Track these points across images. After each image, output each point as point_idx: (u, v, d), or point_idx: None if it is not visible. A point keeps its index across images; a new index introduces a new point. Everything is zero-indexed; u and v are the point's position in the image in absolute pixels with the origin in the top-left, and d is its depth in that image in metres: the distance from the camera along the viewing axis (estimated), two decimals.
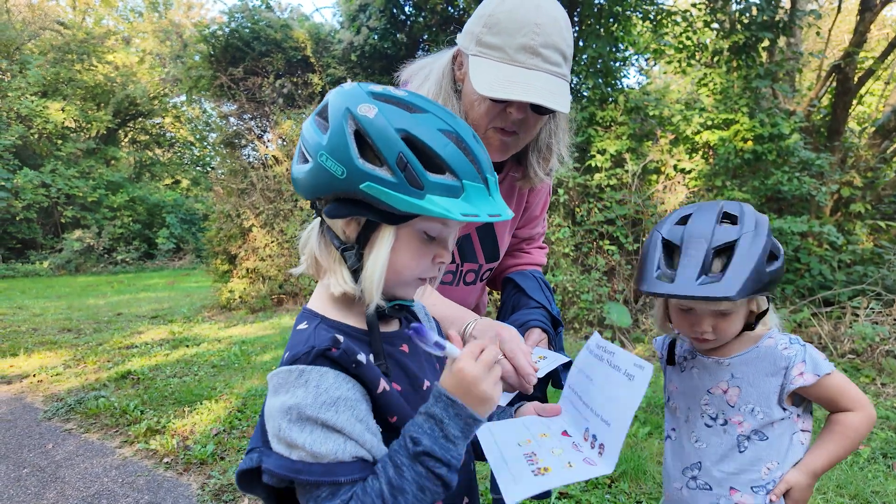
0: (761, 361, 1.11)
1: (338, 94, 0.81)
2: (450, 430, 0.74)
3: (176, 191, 20.46)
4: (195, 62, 8.57)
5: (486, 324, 1.15)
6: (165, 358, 5.16)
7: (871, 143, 7.47)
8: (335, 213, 0.79)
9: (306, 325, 0.84)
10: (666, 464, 1.25)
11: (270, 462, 0.74)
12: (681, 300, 1.10)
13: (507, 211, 0.80)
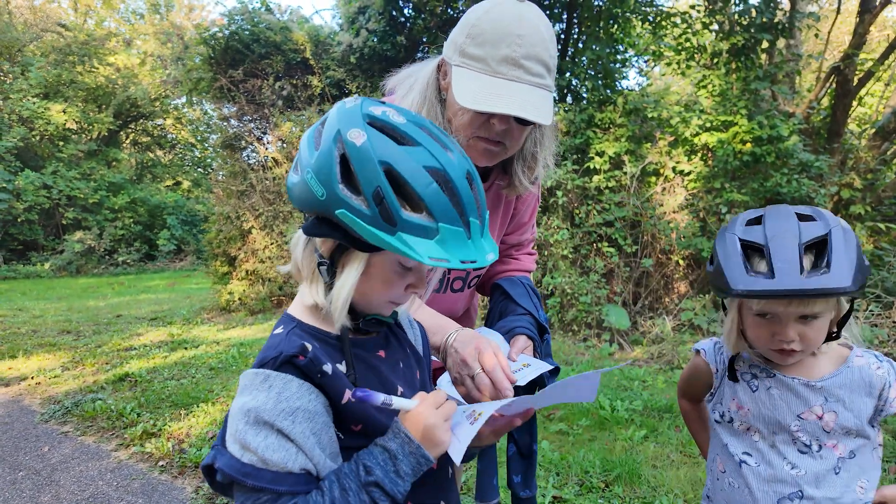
0: (856, 383, 1.05)
1: (337, 112, 0.81)
2: (402, 467, 0.78)
3: (177, 192, 20.49)
4: (195, 64, 8.59)
5: (467, 335, 1.14)
6: (164, 360, 5.17)
7: (871, 145, 7.45)
8: (311, 231, 0.80)
9: (282, 329, 0.85)
10: (740, 489, 1.13)
11: (223, 461, 0.75)
12: (770, 302, 1.00)
13: (487, 257, 0.79)
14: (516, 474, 1.38)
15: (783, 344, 1.02)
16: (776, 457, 1.08)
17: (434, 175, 0.75)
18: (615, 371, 4.73)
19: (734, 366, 1.16)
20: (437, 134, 0.81)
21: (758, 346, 1.08)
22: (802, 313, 1.00)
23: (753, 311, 1.05)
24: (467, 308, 1.62)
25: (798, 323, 1.01)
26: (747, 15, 6.36)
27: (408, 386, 0.94)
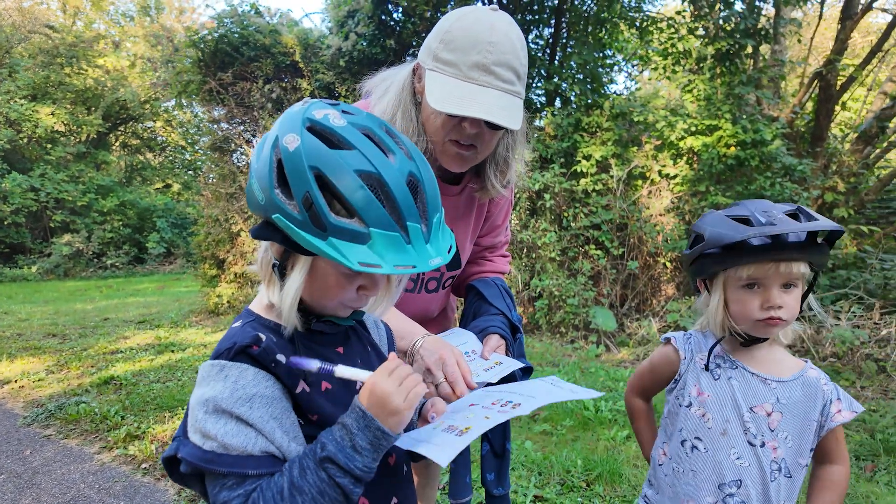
0: (805, 392, 1.11)
1: (282, 117, 0.82)
2: (358, 441, 0.77)
3: (167, 195, 20.38)
4: (185, 67, 8.57)
5: (432, 343, 1.17)
6: (150, 363, 5.14)
7: (853, 149, 7.58)
8: (256, 234, 0.82)
9: (240, 322, 0.88)
10: (684, 474, 1.18)
11: (185, 451, 0.77)
12: (760, 267, 1.06)
13: (430, 262, 0.78)
14: (490, 472, 1.41)
15: (772, 311, 1.07)
16: (725, 445, 1.13)
17: (366, 179, 0.75)
18: (600, 372, 4.77)
19: (710, 356, 1.19)
20: (380, 137, 0.81)
21: (744, 320, 1.12)
22: (787, 279, 1.07)
23: (741, 284, 1.10)
24: (443, 308, 1.64)
25: (782, 291, 1.08)
26: (731, 21, 6.45)
27: None
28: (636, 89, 10.38)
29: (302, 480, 0.75)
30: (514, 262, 6.61)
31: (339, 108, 0.82)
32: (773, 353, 1.17)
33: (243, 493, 0.76)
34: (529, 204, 6.75)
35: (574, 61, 7.24)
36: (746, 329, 1.13)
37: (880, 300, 5.85)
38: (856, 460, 3.16)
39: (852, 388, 4.61)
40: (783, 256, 1.05)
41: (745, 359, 1.16)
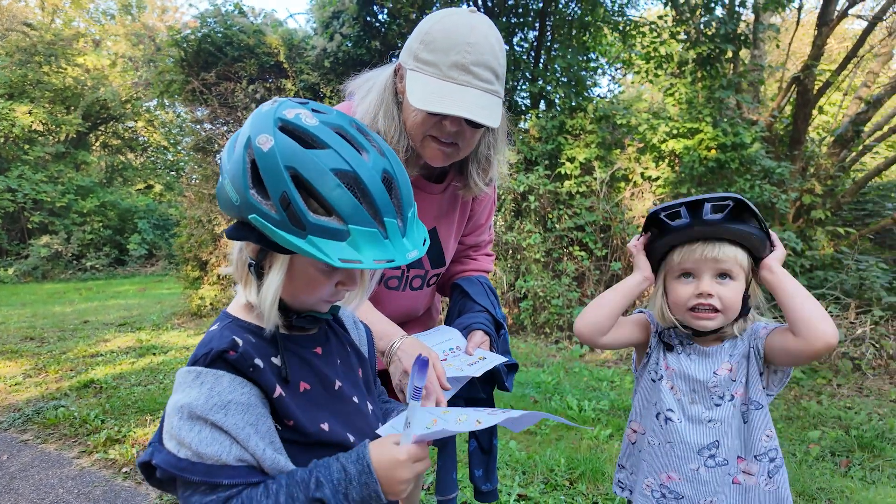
0: (747, 338, 1.22)
1: (252, 117, 0.82)
2: (352, 493, 0.79)
3: (149, 196, 20.08)
4: (167, 66, 8.47)
5: (410, 345, 1.20)
6: (131, 366, 5.07)
7: (830, 153, 7.74)
8: (233, 235, 0.82)
9: (217, 326, 0.87)
10: (660, 447, 1.22)
11: (160, 458, 0.77)
12: (691, 253, 1.16)
13: (408, 255, 0.80)
14: (477, 468, 1.43)
15: (702, 298, 1.15)
16: (695, 412, 1.20)
17: (342, 178, 0.76)
18: (584, 372, 4.81)
19: (662, 339, 1.28)
20: (352, 135, 0.82)
21: (678, 308, 1.20)
22: (719, 267, 1.15)
23: (676, 274, 1.20)
24: (428, 308, 1.65)
25: (714, 282, 1.15)
26: (712, 25, 6.56)
27: (348, 382, 0.96)
28: (619, 93, 10.51)
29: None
30: (499, 264, 6.64)
31: (309, 107, 0.83)
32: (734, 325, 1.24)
33: (216, 500, 0.76)
34: (514, 205, 6.79)
35: (558, 64, 7.30)
36: (681, 318, 1.21)
37: (856, 300, 5.99)
38: (831, 456, 3.23)
39: (828, 387, 4.71)
40: (707, 233, 1.15)
41: (701, 341, 1.24)
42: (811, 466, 3.05)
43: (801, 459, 3.16)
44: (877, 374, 5.04)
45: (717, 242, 1.14)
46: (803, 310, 1.09)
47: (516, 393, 4.21)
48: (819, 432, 3.57)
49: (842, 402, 4.29)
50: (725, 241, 1.15)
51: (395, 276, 1.43)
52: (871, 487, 2.81)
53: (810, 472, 2.93)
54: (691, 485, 1.18)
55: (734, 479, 1.17)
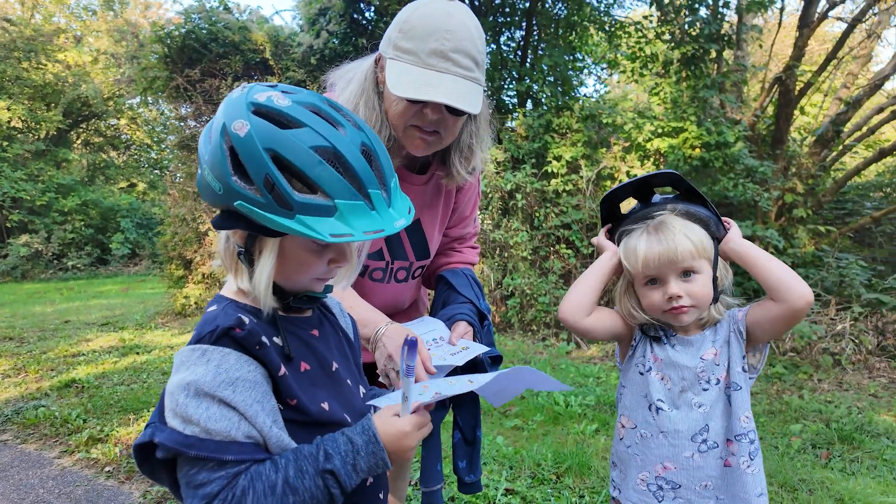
0: (726, 323, 1.24)
1: (224, 105, 0.81)
2: (360, 463, 0.81)
3: (132, 194, 19.80)
4: (150, 63, 8.36)
5: (395, 331, 1.20)
6: (113, 365, 5.00)
7: (811, 152, 7.87)
8: (220, 225, 0.82)
9: (216, 307, 0.86)
10: (653, 438, 1.23)
11: (163, 436, 0.76)
12: (651, 264, 1.18)
13: (396, 224, 0.81)
14: (461, 460, 1.43)
15: (673, 301, 1.17)
16: (685, 399, 1.21)
17: (323, 154, 0.76)
18: (571, 369, 4.84)
19: (648, 332, 1.28)
20: (326, 112, 0.81)
21: (654, 313, 1.22)
22: (681, 267, 1.16)
23: (644, 282, 1.22)
24: (414, 301, 1.65)
25: (681, 281, 1.17)
26: (696, 26, 6.64)
27: (342, 365, 0.97)
28: (606, 92, 10.59)
29: (298, 482, 0.77)
30: (486, 262, 6.66)
31: (279, 88, 0.82)
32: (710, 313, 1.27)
33: (225, 476, 0.76)
34: (502, 204, 6.81)
35: (545, 63, 7.34)
36: (658, 318, 1.23)
37: (836, 297, 6.10)
38: (812, 448, 3.29)
39: (809, 381, 4.80)
40: (657, 210, 1.22)
41: (682, 331, 1.27)
42: (792, 459, 3.10)
43: (783, 452, 3.21)
44: (856, 368, 5.13)
45: (669, 233, 1.16)
46: (779, 275, 1.14)
47: None
48: (800, 425, 3.63)
49: (822, 397, 4.37)
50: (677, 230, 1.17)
51: (380, 267, 1.43)
52: (850, 478, 2.87)
53: (792, 464, 2.98)
54: (687, 472, 1.19)
55: (725, 461, 1.19)
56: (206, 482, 0.75)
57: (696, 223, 1.20)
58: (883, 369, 5.07)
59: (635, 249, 1.20)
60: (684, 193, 1.23)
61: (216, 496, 0.75)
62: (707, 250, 1.18)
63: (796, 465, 2.97)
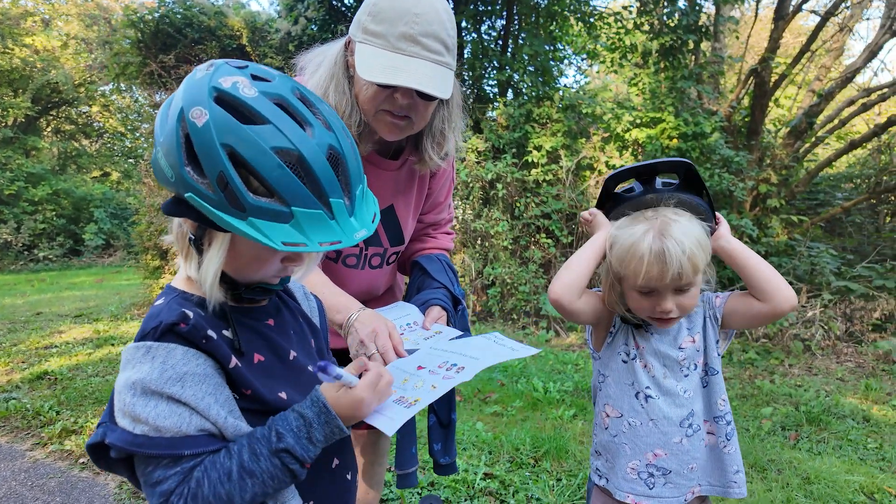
0: (701, 309, 1.26)
1: (185, 84, 0.75)
2: (315, 434, 0.80)
3: (105, 184, 19.32)
4: (123, 48, 8.15)
5: (367, 317, 1.20)
6: (87, 357, 4.91)
7: (785, 143, 8.03)
8: (169, 210, 0.78)
9: (162, 300, 0.84)
10: (643, 426, 1.22)
11: (114, 436, 0.74)
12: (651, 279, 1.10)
13: (355, 236, 0.77)
14: (436, 443, 1.44)
15: (664, 315, 1.15)
16: (670, 385, 1.22)
17: (283, 156, 0.71)
18: (550, 356, 4.90)
19: (629, 320, 1.27)
20: (295, 107, 0.76)
21: (640, 314, 1.21)
22: (678, 286, 1.12)
23: (636, 288, 1.15)
24: (390, 286, 1.65)
25: (674, 295, 1.13)
26: (674, 16, 6.69)
27: (302, 352, 0.96)
28: (586, 83, 10.63)
29: (254, 465, 0.76)
30: (467, 251, 6.67)
31: (248, 72, 0.77)
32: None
33: (180, 471, 0.75)
34: (482, 193, 6.82)
35: (525, 53, 7.33)
36: (641, 317, 1.23)
37: (807, 284, 6.26)
38: (782, 430, 3.39)
39: (781, 367, 4.93)
40: (657, 201, 1.18)
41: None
42: (763, 440, 3.20)
43: (753, 434, 3.30)
44: (825, 354, 5.29)
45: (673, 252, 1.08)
46: (767, 276, 1.15)
47: (484, 376, 4.26)
48: (771, 409, 3.73)
49: (792, 381, 4.49)
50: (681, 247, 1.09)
51: (354, 254, 1.42)
52: (816, 458, 2.96)
53: (762, 446, 3.07)
54: (676, 457, 1.20)
55: (705, 442, 1.23)
56: (161, 479, 0.75)
57: (695, 215, 1.17)
58: (850, 354, 5.23)
59: (634, 258, 1.11)
60: (684, 182, 1.17)
61: (173, 492, 0.74)
62: (704, 262, 1.13)
63: (766, 447, 3.06)
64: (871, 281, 6.41)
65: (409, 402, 0.93)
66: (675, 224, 1.11)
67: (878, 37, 7.49)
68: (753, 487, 2.57)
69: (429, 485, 2.56)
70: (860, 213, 9.06)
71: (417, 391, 0.97)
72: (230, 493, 0.76)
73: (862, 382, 4.35)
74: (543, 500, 2.43)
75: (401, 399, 0.94)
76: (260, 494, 0.78)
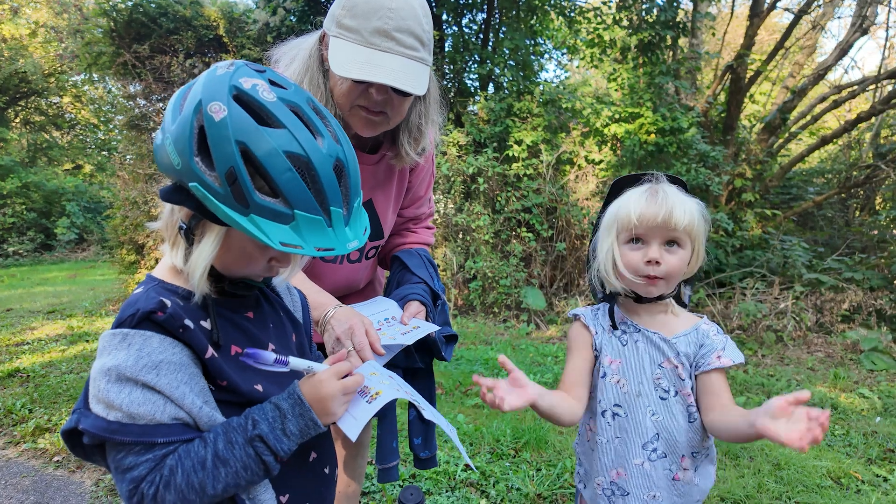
0: (697, 343, 1.20)
1: (205, 78, 0.77)
2: (289, 426, 0.82)
3: (77, 177, 18.83)
4: (95, 37, 7.93)
5: (343, 314, 1.20)
6: (61, 354, 4.80)
7: (760, 139, 8.20)
8: (167, 197, 0.79)
9: (142, 288, 0.84)
10: (609, 443, 1.22)
11: (88, 422, 0.75)
12: (642, 223, 1.15)
13: (348, 245, 0.80)
14: (417, 437, 1.45)
15: (650, 268, 1.15)
16: (641, 405, 1.19)
17: (294, 161, 0.75)
18: (531, 349, 4.95)
19: (613, 316, 1.25)
20: (309, 117, 0.79)
21: (628, 274, 1.18)
22: (668, 235, 1.15)
23: (625, 239, 1.19)
24: (370, 281, 1.65)
25: (663, 249, 1.15)
26: (653, 12, 6.77)
27: (281, 346, 0.96)
28: (566, 78, 10.69)
29: (228, 453, 0.77)
30: (448, 245, 6.69)
31: (267, 76, 0.79)
32: (670, 315, 1.25)
33: (152, 458, 0.76)
34: (464, 187, 6.83)
35: (506, 47, 7.34)
36: (629, 284, 1.20)
37: (780, 277, 6.42)
38: None
39: (754, 357, 5.05)
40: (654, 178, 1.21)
41: (646, 322, 1.24)
42: None
43: None
44: (796, 344, 5.44)
45: (668, 200, 1.14)
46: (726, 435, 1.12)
47: (465, 369, 4.28)
48: (745, 398, 3.83)
49: (765, 371, 4.61)
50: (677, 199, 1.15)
51: None
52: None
53: None
54: (636, 480, 1.19)
55: (675, 475, 1.18)
56: (132, 466, 0.75)
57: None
58: (820, 344, 5.39)
59: (628, 204, 1.17)
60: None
61: (143, 479, 0.75)
62: (696, 229, 1.16)
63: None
64: (841, 273, 6.59)
65: (370, 394, 0.94)
66: (672, 187, 1.19)
67: (849, 35, 7.67)
68: (727, 475, 2.64)
69: (410, 477, 2.58)
70: (831, 206, 9.31)
71: (382, 385, 0.97)
72: (203, 482, 0.76)
73: (831, 371, 4.48)
74: (524, 489, 2.47)
75: (364, 391, 0.95)
76: (232, 485, 0.79)
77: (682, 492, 1.19)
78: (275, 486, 0.87)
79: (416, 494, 1.49)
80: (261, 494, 0.84)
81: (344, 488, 1.69)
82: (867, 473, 2.71)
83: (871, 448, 3.05)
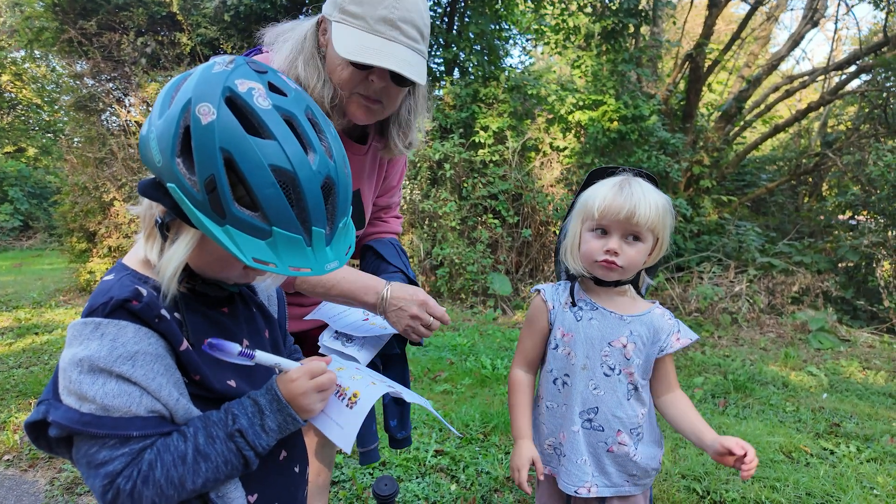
0: (652, 325, 1.27)
1: (200, 74, 0.73)
2: (268, 422, 0.81)
3: (20, 160, 17.82)
4: (36, 11, 7.46)
5: (398, 292, 1.24)
6: (9, 348, 4.57)
7: (717, 127, 8.46)
8: (144, 191, 0.75)
9: (112, 276, 0.81)
10: (557, 409, 1.30)
11: (58, 414, 0.71)
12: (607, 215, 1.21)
13: (326, 267, 0.77)
14: (392, 419, 1.48)
15: (609, 255, 1.21)
16: (585, 378, 1.27)
17: (280, 175, 0.71)
18: (497, 334, 5.01)
19: (573, 293, 1.31)
20: (303, 128, 0.75)
21: (589, 259, 1.25)
22: (630, 230, 1.21)
23: (590, 226, 1.25)
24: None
25: (623, 242, 1.21)
26: (615, 0, 6.83)
27: (255, 341, 0.94)
28: (531, 64, 10.72)
29: (209, 448, 0.76)
30: (415, 231, 6.66)
31: (266, 79, 0.75)
32: (627, 298, 1.33)
33: (128, 452, 0.73)
34: (430, 174, 6.79)
35: (472, 31, 7.29)
36: (589, 267, 1.27)
37: (735, 261, 6.67)
38: (711, 398, 3.63)
39: (710, 338, 5.25)
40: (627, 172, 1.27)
41: (605, 302, 1.31)
42: (696, 408, 3.41)
43: None
44: (750, 325, 5.68)
45: (636, 195, 1.19)
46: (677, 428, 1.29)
47: (433, 355, 4.30)
48: (702, 378, 3.98)
49: (721, 352, 4.81)
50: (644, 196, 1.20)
51: None
52: (742, 422, 3.20)
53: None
54: (571, 445, 1.28)
55: (609, 447, 1.26)
56: (107, 460, 0.72)
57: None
58: (772, 325, 5.64)
59: (596, 195, 1.22)
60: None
61: (119, 474, 0.72)
62: (658, 226, 1.22)
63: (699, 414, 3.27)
64: (791, 257, 6.90)
65: (347, 397, 0.94)
66: (642, 183, 1.24)
67: (801, 27, 7.95)
68: (687, 452, 2.75)
69: (380, 464, 2.58)
70: (782, 193, 9.72)
71: (355, 383, 0.97)
72: (183, 476, 0.75)
73: (782, 351, 4.71)
74: (493, 473, 2.50)
75: (338, 393, 0.94)
76: (212, 480, 0.78)
77: (619, 463, 1.27)
78: (244, 486, 0.86)
79: (390, 484, 1.50)
80: (231, 493, 0.83)
81: (314, 477, 1.67)
82: (815, 447, 2.86)
83: (818, 423, 3.23)
